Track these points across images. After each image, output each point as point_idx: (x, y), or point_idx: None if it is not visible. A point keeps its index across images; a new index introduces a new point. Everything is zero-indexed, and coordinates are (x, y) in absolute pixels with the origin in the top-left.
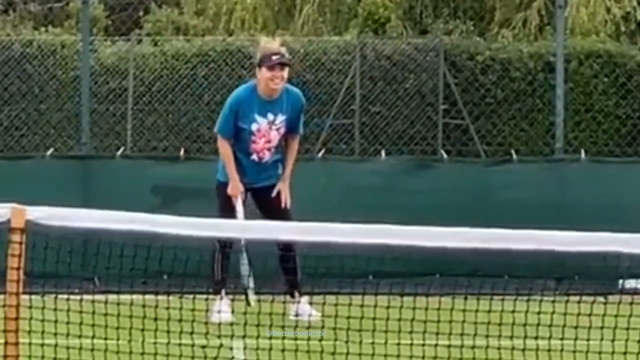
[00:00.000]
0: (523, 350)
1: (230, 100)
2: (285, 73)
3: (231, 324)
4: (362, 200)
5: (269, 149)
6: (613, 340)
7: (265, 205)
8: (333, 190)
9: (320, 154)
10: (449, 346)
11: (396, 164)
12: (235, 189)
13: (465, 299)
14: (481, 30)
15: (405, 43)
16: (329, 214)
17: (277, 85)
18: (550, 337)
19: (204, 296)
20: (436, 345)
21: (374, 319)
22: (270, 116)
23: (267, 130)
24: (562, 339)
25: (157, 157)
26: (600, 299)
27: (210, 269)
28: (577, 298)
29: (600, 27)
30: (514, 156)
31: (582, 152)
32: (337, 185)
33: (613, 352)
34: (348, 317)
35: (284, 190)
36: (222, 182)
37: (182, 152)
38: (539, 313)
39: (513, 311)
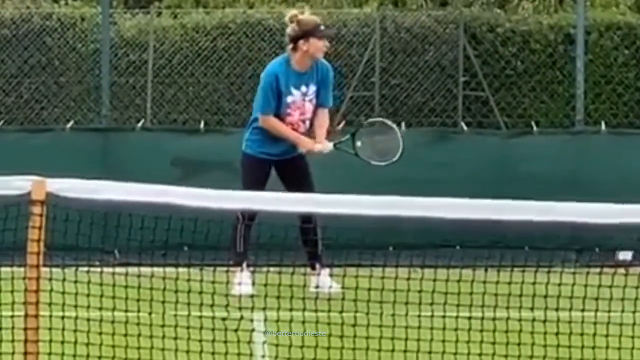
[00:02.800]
0: (544, 321)
1: (266, 77)
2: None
3: (251, 296)
4: (382, 172)
5: (303, 121)
6: (634, 312)
7: (290, 177)
8: (353, 163)
9: (340, 126)
10: (469, 318)
11: (416, 136)
12: (308, 143)
13: (486, 270)
14: (501, 2)
15: (425, 15)
16: (349, 186)
17: (322, 55)
18: (571, 309)
19: (225, 268)
20: (457, 317)
21: (394, 290)
22: (304, 88)
23: (301, 103)
24: (582, 310)
25: (177, 130)
26: (621, 270)
27: (231, 241)
28: (597, 270)
29: None
30: (534, 128)
31: (602, 124)
32: (355, 158)
33: (634, 324)
34: (369, 289)
35: (312, 153)
36: (249, 155)
37: (202, 124)
38: (559, 285)
39: (534, 283)
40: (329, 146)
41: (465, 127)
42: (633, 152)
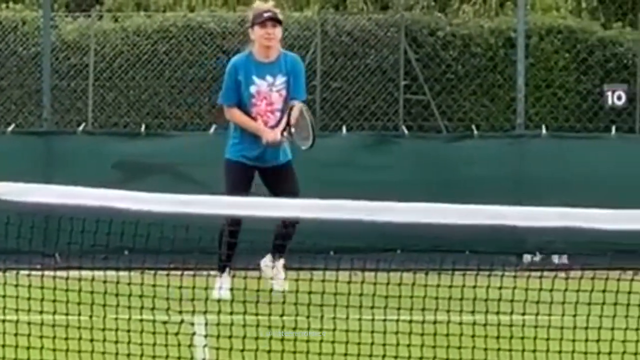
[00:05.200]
0: (485, 325)
1: (227, 69)
2: (278, 31)
3: (191, 300)
4: (323, 175)
5: (272, 112)
6: (575, 316)
7: (274, 185)
8: (294, 165)
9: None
10: (410, 321)
11: (357, 139)
12: (269, 133)
13: (427, 274)
14: (442, 5)
15: (366, 19)
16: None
17: (271, 42)
18: (512, 312)
19: (165, 272)
20: (398, 320)
21: (335, 294)
22: (269, 78)
23: (267, 93)
24: (523, 314)
25: (118, 133)
26: (561, 274)
27: (217, 245)
28: (538, 273)
29: (561, 3)
30: (475, 132)
31: (543, 127)
32: (297, 161)
33: (575, 327)
34: (309, 293)
35: (272, 143)
36: (231, 160)
37: (143, 128)
38: (500, 288)
39: (475, 286)
40: (279, 136)
41: (406, 131)
42: (573, 155)
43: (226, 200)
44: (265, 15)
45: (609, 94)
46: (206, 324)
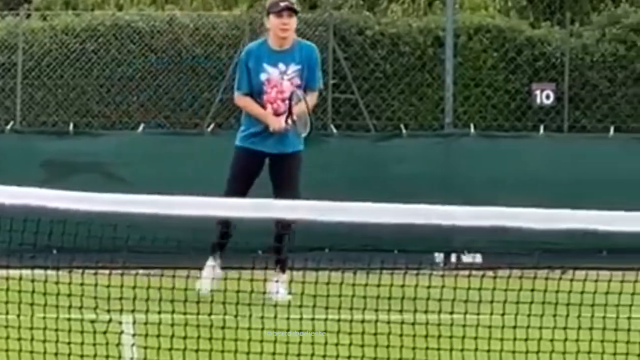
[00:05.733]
0: (413, 324)
1: (240, 56)
2: (294, 21)
3: (119, 299)
4: None
5: (282, 100)
6: (503, 315)
7: (277, 175)
8: (223, 165)
9: (210, 129)
10: (338, 320)
11: None
12: (276, 121)
13: (355, 273)
14: (370, 4)
15: None
16: (218, 188)
17: (286, 33)
18: (440, 312)
19: (93, 271)
20: (326, 319)
21: (263, 293)
22: (282, 66)
23: (278, 81)
24: (451, 313)
25: (47, 132)
26: (490, 273)
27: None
28: (466, 272)
29: (489, 2)
30: (404, 131)
31: (471, 126)
32: (226, 160)
33: (503, 327)
34: (237, 292)
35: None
36: (238, 147)
37: (71, 126)
38: (428, 287)
39: (402, 285)
40: (283, 124)
41: (334, 130)
42: (501, 154)
43: (151, 199)
44: (282, 4)
45: (538, 92)
46: (134, 323)
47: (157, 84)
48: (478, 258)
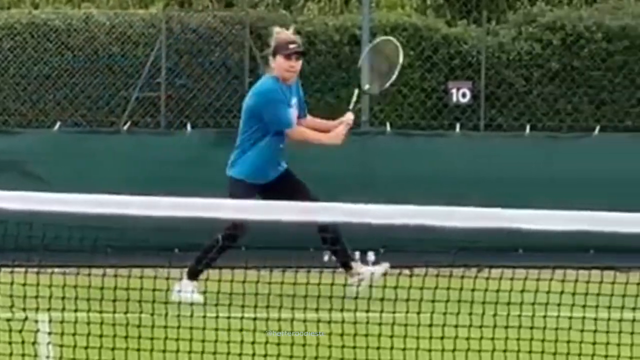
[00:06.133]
0: (329, 322)
1: (270, 96)
2: (300, 63)
3: (35, 297)
4: (168, 173)
5: None
6: (419, 313)
7: (286, 191)
8: (139, 163)
9: (126, 127)
10: (254, 319)
11: (202, 136)
12: (336, 136)
13: (271, 271)
14: (287, 3)
15: (211, 16)
16: (135, 187)
17: (293, 75)
18: (355, 310)
19: (9, 269)
20: (242, 318)
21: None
22: (293, 100)
23: (294, 113)
24: (367, 311)
25: None
26: (406, 271)
27: (203, 252)
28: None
29: (405, 0)
30: None
31: (388, 125)
32: (143, 159)
33: (419, 325)
34: (153, 290)
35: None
36: (246, 183)
37: None
38: (344, 285)
39: (319, 284)
40: (350, 116)
41: None
42: (417, 152)
43: (67, 198)
44: (291, 47)
45: (454, 91)
46: (50, 322)
47: (74, 82)
48: (395, 256)
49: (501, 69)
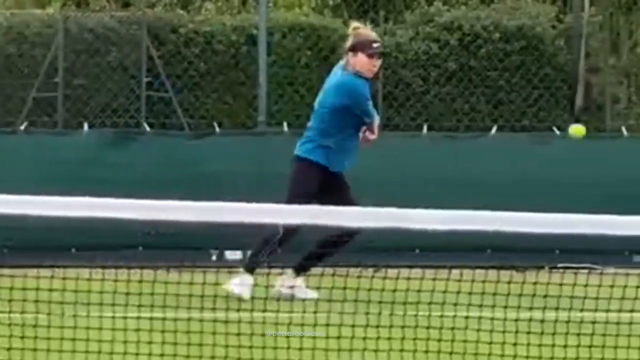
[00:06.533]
0: (225, 322)
1: (359, 89)
2: (380, 62)
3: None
4: (65, 173)
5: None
6: (315, 313)
7: (335, 190)
8: (37, 163)
9: (23, 127)
10: (151, 318)
11: (99, 136)
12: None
13: (168, 271)
14: (184, 3)
15: (108, 16)
16: (32, 186)
17: (373, 74)
18: (252, 310)
19: None
20: (138, 317)
21: (76, 291)
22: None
23: None
24: (264, 311)
25: None
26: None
27: (259, 245)
28: (265, 270)
29: (303, 1)
30: (217, 129)
31: (285, 125)
32: (40, 159)
33: (315, 324)
34: (50, 290)
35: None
36: (319, 164)
37: None
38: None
39: (216, 283)
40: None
41: (148, 128)
42: None
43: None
44: (375, 46)
45: None
46: None
47: None
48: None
49: (398, 69)
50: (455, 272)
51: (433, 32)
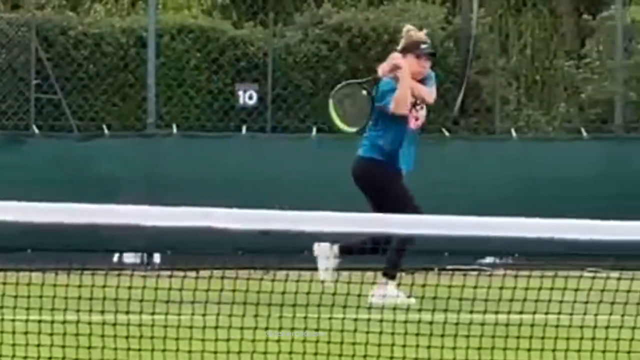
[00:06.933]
0: (114, 324)
1: (391, 84)
2: (429, 64)
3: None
4: None
5: (417, 118)
6: (204, 315)
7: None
8: None
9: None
10: (39, 321)
11: None
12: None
13: (56, 274)
14: (73, 4)
15: None
16: None
17: (423, 75)
18: (141, 312)
19: None
20: (27, 320)
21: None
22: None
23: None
24: (153, 313)
25: None
26: (192, 274)
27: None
28: (167, 272)
29: (192, 2)
30: (106, 131)
31: (174, 126)
32: None
33: (204, 327)
34: None
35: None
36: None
37: None
38: (129, 287)
39: (104, 286)
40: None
41: (37, 130)
42: (204, 154)
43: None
44: (423, 47)
45: (241, 93)
46: None
47: None
48: (157, 258)
49: (288, 71)
50: (345, 275)
51: (322, 34)
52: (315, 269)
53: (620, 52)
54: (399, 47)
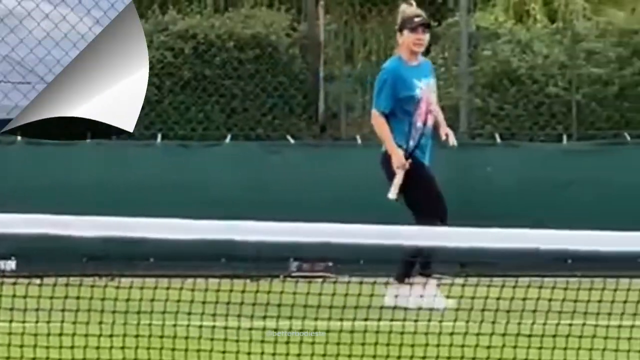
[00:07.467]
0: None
1: (383, 75)
2: (427, 37)
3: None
4: None
5: (429, 112)
6: (49, 322)
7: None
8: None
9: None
10: None
11: None
12: (401, 159)
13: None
14: None
15: None
16: None
17: (421, 48)
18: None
19: None
20: None
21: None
22: (424, 80)
23: (427, 94)
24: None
25: None
26: (36, 280)
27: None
28: (12, 280)
29: None
30: None
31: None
32: None
33: (49, 334)
34: None
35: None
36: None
37: None
38: (66, 298)
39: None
40: (407, 166)
41: None
42: (47, 161)
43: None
44: (417, 20)
45: None
46: None
47: None
48: (12, 265)
49: None
50: (189, 282)
51: (167, 40)
52: (161, 275)
53: (465, 58)
54: (397, 27)
